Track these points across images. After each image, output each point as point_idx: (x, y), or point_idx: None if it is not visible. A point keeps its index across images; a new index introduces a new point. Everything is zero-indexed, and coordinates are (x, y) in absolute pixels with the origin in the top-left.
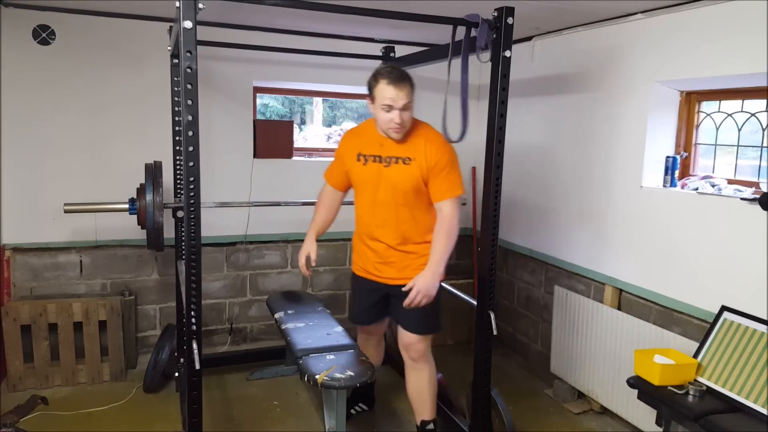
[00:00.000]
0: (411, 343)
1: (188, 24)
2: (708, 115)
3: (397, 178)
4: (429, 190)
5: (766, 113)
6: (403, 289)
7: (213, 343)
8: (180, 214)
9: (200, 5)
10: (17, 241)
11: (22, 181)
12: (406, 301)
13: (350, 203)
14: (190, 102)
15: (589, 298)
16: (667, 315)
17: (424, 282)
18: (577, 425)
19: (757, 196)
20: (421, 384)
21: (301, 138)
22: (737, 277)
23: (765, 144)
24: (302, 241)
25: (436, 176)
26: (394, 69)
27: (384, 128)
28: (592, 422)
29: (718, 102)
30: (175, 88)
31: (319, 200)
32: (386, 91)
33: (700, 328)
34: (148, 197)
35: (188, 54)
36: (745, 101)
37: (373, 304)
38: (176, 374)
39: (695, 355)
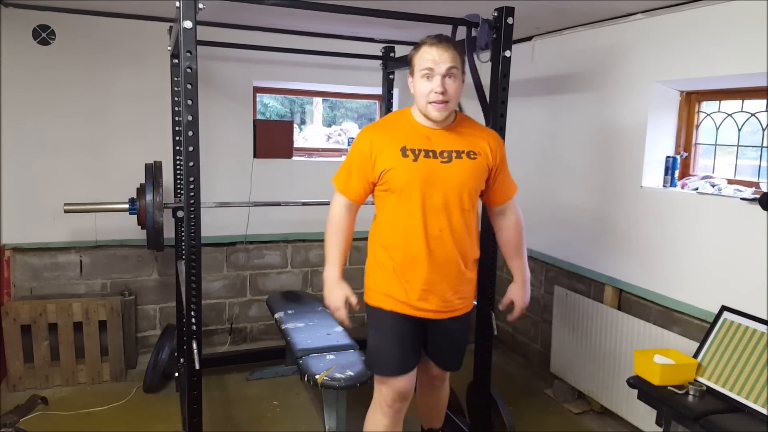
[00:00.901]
0: (441, 375)
1: (188, 24)
2: (708, 115)
3: (465, 177)
4: (493, 189)
5: (766, 113)
6: (501, 306)
7: (213, 343)
8: (180, 214)
9: (200, 5)
10: (17, 241)
11: (22, 181)
12: (516, 314)
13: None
14: (190, 102)
15: (589, 298)
16: (667, 315)
17: (524, 297)
18: (577, 425)
19: (757, 196)
20: (438, 401)
21: (301, 138)
22: (737, 277)
23: (765, 144)
24: (302, 240)
25: (502, 172)
26: (441, 34)
27: (423, 104)
28: (592, 422)
29: (718, 102)
30: (175, 88)
31: (332, 224)
32: (427, 53)
33: (700, 328)
34: (148, 197)
35: (188, 54)
36: (745, 101)
37: (415, 342)
38: (176, 374)
39: (695, 355)
